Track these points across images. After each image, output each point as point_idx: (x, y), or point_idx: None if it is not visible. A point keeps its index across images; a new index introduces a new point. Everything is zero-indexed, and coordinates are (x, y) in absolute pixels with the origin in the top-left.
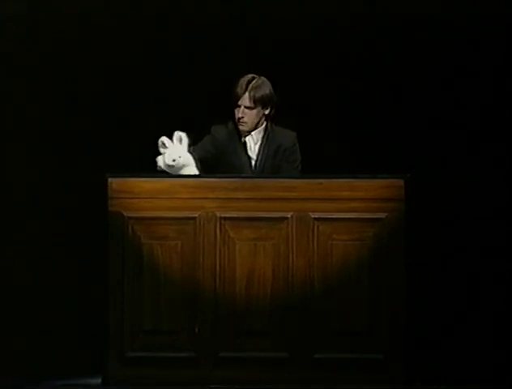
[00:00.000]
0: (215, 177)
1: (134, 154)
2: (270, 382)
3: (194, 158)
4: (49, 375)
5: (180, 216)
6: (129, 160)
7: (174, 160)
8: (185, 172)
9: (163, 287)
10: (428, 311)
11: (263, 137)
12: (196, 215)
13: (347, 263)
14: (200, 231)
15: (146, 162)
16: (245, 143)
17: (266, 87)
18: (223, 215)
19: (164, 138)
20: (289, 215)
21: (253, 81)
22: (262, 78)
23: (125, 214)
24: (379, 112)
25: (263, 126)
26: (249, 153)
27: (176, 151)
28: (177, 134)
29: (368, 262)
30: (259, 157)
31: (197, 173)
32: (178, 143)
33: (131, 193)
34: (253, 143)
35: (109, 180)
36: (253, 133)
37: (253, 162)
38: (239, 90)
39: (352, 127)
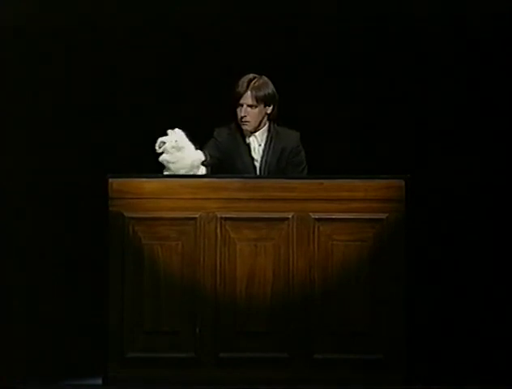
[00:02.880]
0: (216, 178)
1: (135, 154)
2: (271, 383)
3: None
4: (49, 375)
5: (180, 217)
6: (129, 160)
7: (176, 141)
8: (188, 156)
9: (163, 287)
10: (428, 311)
11: (267, 138)
12: (197, 216)
13: (348, 264)
14: (201, 231)
15: (146, 162)
16: (248, 144)
17: (267, 86)
18: (223, 216)
19: (160, 139)
20: (290, 216)
21: (255, 79)
22: (263, 76)
23: (125, 214)
24: (379, 112)
25: (266, 126)
26: (253, 155)
27: (170, 138)
28: (170, 130)
29: (368, 262)
30: (263, 160)
31: (201, 155)
32: (173, 133)
33: (132, 193)
34: (257, 145)
35: (110, 180)
36: (256, 134)
37: (256, 164)
38: (240, 89)
39: (352, 127)
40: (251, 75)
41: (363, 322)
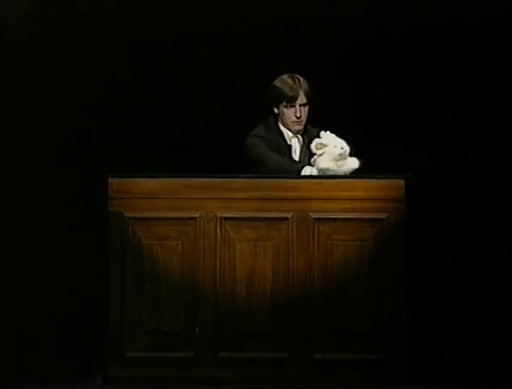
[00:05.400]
0: (216, 177)
1: (135, 154)
2: (271, 383)
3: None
4: (50, 376)
5: (180, 216)
6: (129, 160)
7: (342, 148)
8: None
9: (163, 287)
10: (428, 311)
11: (303, 138)
12: (196, 216)
13: (348, 263)
14: (200, 231)
15: (146, 162)
16: (290, 145)
17: (308, 84)
18: (223, 216)
19: (317, 140)
20: (289, 216)
21: (296, 79)
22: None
23: (125, 214)
24: (379, 112)
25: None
26: (293, 156)
27: (337, 141)
28: (322, 132)
29: (368, 262)
30: (301, 160)
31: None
32: (329, 137)
33: (132, 193)
34: (298, 145)
35: (110, 180)
36: (298, 134)
37: None
38: (294, 92)
39: (351, 127)
40: (290, 75)
41: (363, 322)
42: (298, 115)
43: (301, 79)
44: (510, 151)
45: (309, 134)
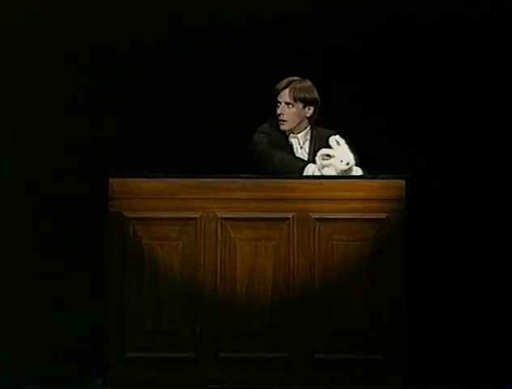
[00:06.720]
0: (216, 178)
1: (135, 154)
2: (271, 383)
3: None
4: (50, 376)
5: (181, 217)
6: (129, 160)
7: (348, 164)
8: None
9: (163, 287)
10: (428, 311)
11: (310, 140)
12: (197, 216)
13: (348, 264)
14: (201, 231)
15: (146, 162)
16: (291, 145)
17: (309, 88)
18: (224, 216)
19: (324, 150)
20: (290, 216)
21: (296, 80)
22: (307, 80)
23: (125, 214)
24: (379, 111)
25: (308, 128)
26: (295, 154)
27: (345, 154)
28: (333, 138)
29: (368, 262)
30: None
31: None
32: (339, 147)
33: (132, 193)
34: (299, 147)
35: (110, 180)
36: (299, 135)
37: None
38: (279, 86)
39: (351, 127)
40: (294, 77)
41: (363, 322)
42: (278, 112)
43: (302, 81)
44: (511, 151)
45: (318, 135)
